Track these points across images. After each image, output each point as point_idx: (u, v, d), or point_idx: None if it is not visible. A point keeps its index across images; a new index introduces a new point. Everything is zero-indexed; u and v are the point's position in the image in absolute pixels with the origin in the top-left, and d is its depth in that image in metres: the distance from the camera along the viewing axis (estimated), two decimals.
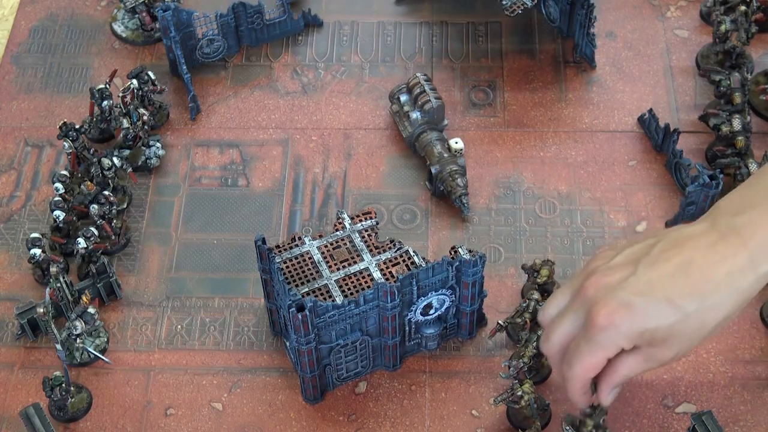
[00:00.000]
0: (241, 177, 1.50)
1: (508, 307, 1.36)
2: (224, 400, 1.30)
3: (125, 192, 1.48)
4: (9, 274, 1.42)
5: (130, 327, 1.36)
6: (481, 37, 1.66)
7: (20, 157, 1.54)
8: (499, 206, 1.46)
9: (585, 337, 1.07)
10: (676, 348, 1.06)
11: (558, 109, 1.56)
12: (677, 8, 1.68)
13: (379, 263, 1.26)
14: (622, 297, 1.04)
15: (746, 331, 1.33)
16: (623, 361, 1.08)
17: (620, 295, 1.05)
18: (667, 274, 1.05)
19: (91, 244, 1.37)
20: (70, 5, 1.73)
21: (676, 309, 1.04)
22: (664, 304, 1.04)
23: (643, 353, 1.07)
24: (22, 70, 1.64)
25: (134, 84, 1.50)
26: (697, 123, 1.52)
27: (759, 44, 1.61)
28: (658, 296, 1.04)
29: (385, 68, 1.63)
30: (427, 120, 1.48)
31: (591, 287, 1.07)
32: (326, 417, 1.28)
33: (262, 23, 1.62)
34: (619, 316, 1.04)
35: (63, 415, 1.28)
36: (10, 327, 1.36)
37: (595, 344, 1.06)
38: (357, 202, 1.47)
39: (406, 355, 1.32)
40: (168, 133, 1.55)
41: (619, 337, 1.05)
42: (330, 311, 1.19)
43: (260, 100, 1.59)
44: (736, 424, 1.25)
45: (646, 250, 1.08)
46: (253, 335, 1.35)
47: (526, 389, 1.21)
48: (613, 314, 1.04)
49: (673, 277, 1.05)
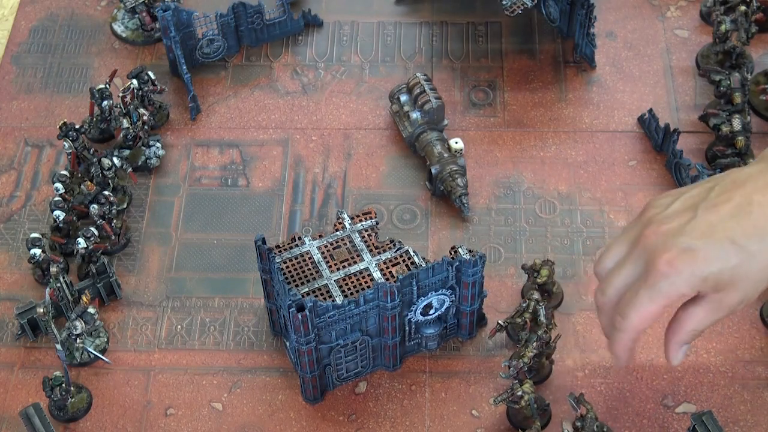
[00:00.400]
0: (241, 177, 1.50)
1: (508, 307, 1.36)
2: (224, 400, 1.30)
3: (125, 192, 1.48)
4: (9, 274, 1.42)
5: (130, 327, 1.36)
6: (481, 37, 1.66)
7: (20, 157, 1.54)
8: (499, 206, 1.46)
9: (645, 285, 1.04)
10: (742, 291, 1.04)
11: (558, 109, 1.56)
12: (677, 8, 1.68)
13: (379, 263, 1.26)
14: (683, 242, 1.03)
15: (746, 331, 1.33)
16: (690, 314, 1.06)
17: (681, 240, 1.03)
18: (728, 215, 1.03)
19: (91, 244, 1.37)
20: (70, 5, 1.73)
21: (739, 249, 1.02)
22: (727, 246, 1.02)
23: (709, 301, 1.05)
24: (22, 70, 1.64)
25: (134, 84, 1.50)
26: (697, 123, 1.52)
27: (759, 44, 1.61)
28: (721, 238, 1.02)
29: (385, 68, 1.63)
30: (427, 120, 1.48)
31: (651, 236, 1.05)
32: (326, 417, 1.28)
33: (262, 23, 1.62)
34: (682, 261, 1.02)
35: (63, 415, 1.28)
36: (10, 327, 1.36)
37: (655, 291, 1.04)
38: (357, 202, 1.47)
39: (406, 355, 1.32)
40: (168, 133, 1.55)
41: (682, 283, 1.03)
42: (330, 311, 1.19)
43: (260, 100, 1.59)
44: (736, 424, 1.25)
45: (704, 194, 1.06)
46: (253, 335, 1.35)
47: (526, 389, 1.21)
48: (675, 259, 1.02)
49: (734, 217, 1.03)
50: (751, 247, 1.02)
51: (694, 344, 1.31)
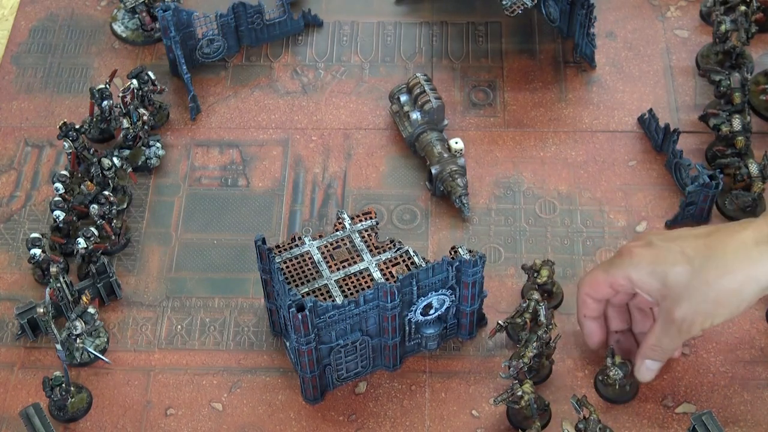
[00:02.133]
0: (241, 177, 1.50)
1: (508, 307, 1.36)
2: (224, 400, 1.30)
3: (125, 192, 1.48)
4: (9, 274, 1.42)
5: (130, 327, 1.36)
6: (481, 37, 1.66)
7: (20, 157, 1.54)
8: (499, 206, 1.46)
9: (606, 262, 1.23)
10: (688, 308, 1.15)
11: (558, 109, 1.56)
12: (677, 8, 1.68)
13: (379, 263, 1.26)
14: (649, 238, 1.20)
15: (746, 331, 1.33)
16: (650, 331, 1.21)
17: (649, 236, 1.20)
18: (693, 234, 1.19)
19: (91, 244, 1.37)
20: (70, 5, 1.73)
21: (686, 260, 1.15)
22: (677, 253, 1.16)
23: (661, 312, 1.18)
24: (22, 70, 1.64)
25: (134, 84, 1.50)
26: (697, 123, 1.52)
27: (759, 44, 1.61)
28: (676, 246, 1.17)
29: (385, 68, 1.62)
30: (427, 120, 1.48)
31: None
32: (326, 417, 1.28)
33: (262, 23, 1.62)
34: (639, 249, 1.19)
35: (63, 415, 1.28)
36: (10, 327, 1.36)
37: (608, 264, 1.22)
38: (357, 202, 1.47)
39: (406, 355, 1.32)
40: (168, 133, 1.55)
41: (632, 268, 1.18)
42: (330, 311, 1.19)
43: (260, 100, 1.59)
44: (736, 424, 1.25)
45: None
46: (253, 335, 1.35)
47: (526, 389, 1.21)
48: (636, 247, 1.19)
49: (696, 237, 1.18)
50: (695, 261, 1.15)
51: (694, 344, 1.31)
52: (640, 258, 1.18)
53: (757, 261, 1.13)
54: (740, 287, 1.14)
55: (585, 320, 1.26)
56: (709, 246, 1.15)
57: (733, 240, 1.15)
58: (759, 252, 1.13)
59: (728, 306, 1.15)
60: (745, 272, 1.13)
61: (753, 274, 1.13)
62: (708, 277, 1.14)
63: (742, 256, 1.13)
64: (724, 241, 1.15)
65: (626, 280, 1.19)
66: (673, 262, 1.15)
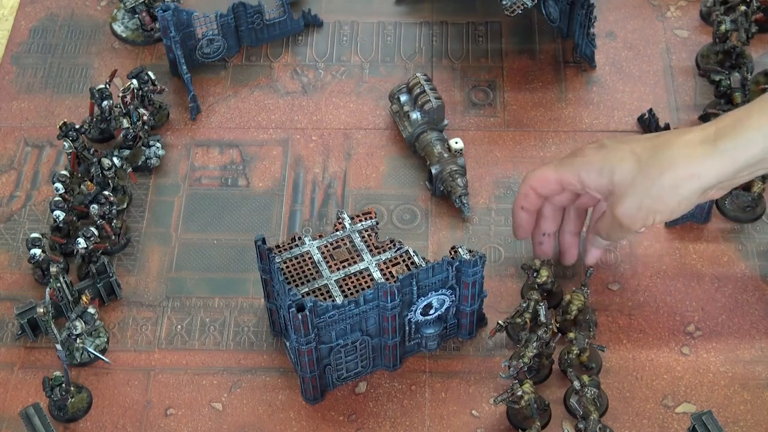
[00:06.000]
0: (241, 177, 1.50)
1: (508, 307, 1.36)
2: (224, 400, 1.30)
3: (125, 192, 1.48)
4: (9, 274, 1.42)
5: (130, 327, 1.36)
6: (481, 37, 1.66)
7: (20, 157, 1.54)
8: (499, 206, 1.46)
9: (557, 160, 1.27)
10: (632, 203, 1.19)
11: (558, 109, 1.56)
12: (677, 8, 1.68)
13: (379, 263, 1.26)
14: (602, 141, 1.24)
15: (746, 331, 1.33)
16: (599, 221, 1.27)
17: (603, 140, 1.24)
18: (645, 137, 1.23)
19: (91, 244, 1.37)
20: (70, 5, 1.73)
21: (634, 158, 1.18)
22: (627, 152, 1.20)
23: (609, 206, 1.22)
24: (22, 70, 1.64)
25: (134, 84, 1.50)
26: (697, 123, 1.52)
27: (759, 44, 1.61)
28: (626, 146, 1.21)
29: (385, 68, 1.63)
30: (427, 120, 1.48)
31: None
32: (326, 417, 1.28)
33: (262, 23, 1.62)
34: (591, 150, 1.24)
35: (63, 415, 1.28)
36: (10, 327, 1.36)
37: (559, 162, 1.26)
38: (357, 202, 1.47)
39: (406, 355, 1.32)
40: (168, 133, 1.55)
41: (582, 167, 1.23)
42: (330, 311, 1.19)
43: (260, 100, 1.59)
44: (736, 424, 1.25)
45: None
46: (253, 335, 1.35)
47: (526, 389, 1.21)
48: (588, 147, 1.24)
49: (646, 139, 1.22)
50: (642, 157, 1.18)
51: (694, 344, 1.31)
52: (591, 157, 1.22)
53: (699, 158, 1.15)
54: (681, 183, 1.16)
55: (520, 212, 1.31)
56: (657, 145, 1.18)
57: (680, 140, 1.17)
58: (703, 150, 1.15)
59: (668, 202, 1.18)
60: (687, 169, 1.16)
61: (695, 171, 1.15)
62: (651, 173, 1.17)
63: (686, 153, 1.16)
64: (670, 140, 1.18)
65: (576, 178, 1.23)
66: (621, 158, 1.19)
